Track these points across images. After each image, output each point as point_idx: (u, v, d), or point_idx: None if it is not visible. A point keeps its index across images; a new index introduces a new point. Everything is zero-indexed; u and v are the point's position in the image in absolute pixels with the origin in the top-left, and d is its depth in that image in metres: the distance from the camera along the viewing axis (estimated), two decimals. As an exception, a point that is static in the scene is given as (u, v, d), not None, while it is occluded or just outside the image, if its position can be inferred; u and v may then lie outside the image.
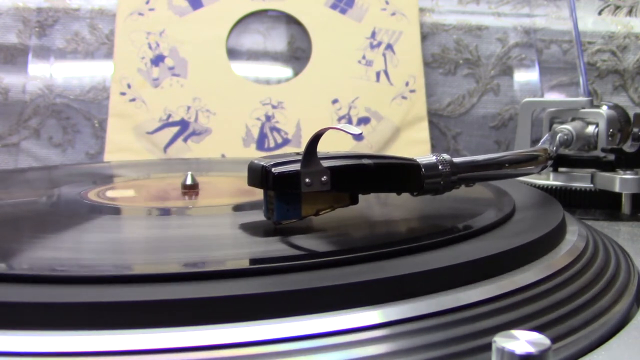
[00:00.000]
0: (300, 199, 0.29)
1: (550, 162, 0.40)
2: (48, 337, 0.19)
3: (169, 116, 0.72)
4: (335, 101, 0.73)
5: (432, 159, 0.32)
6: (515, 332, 0.19)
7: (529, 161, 0.37)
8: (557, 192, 0.51)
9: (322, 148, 0.31)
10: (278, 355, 0.20)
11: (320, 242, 0.29)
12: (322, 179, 0.28)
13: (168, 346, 0.19)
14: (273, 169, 0.28)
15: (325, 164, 0.28)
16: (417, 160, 0.31)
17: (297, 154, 0.29)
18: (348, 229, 0.31)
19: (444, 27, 0.78)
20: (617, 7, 0.79)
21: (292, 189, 0.28)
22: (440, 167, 0.31)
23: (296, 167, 0.28)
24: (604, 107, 0.54)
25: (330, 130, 0.27)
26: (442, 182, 0.32)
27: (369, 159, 0.30)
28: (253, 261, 0.26)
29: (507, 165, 0.35)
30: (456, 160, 0.32)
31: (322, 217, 0.31)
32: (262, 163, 0.29)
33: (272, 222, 0.30)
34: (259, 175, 0.29)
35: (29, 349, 0.19)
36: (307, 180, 0.28)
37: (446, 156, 0.32)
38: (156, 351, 0.19)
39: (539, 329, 0.22)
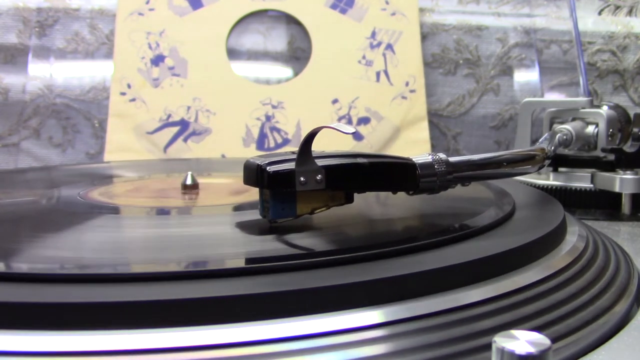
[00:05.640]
0: (295, 198, 0.29)
1: (547, 162, 0.40)
2: (47, 337, 0.19)
3: (169, 116, 0.72)
4: (335, 101, 0.73)
5: (427, 158, 0.32)
6: (515, 332, 0.19)
7: (525, 160, 0.37)
8: (557, 192, 0.51)
9: (323, 148, 0.31)
10: (277, 356, 0.20)
11: (320, 242, 0.29)
12: (317, 178, 0.28)
13: (167, 346, 0.19)
14: (268, 168, 0.28)
15: (320, 162, 0.29)
16: (413, 159, 0.31)
17: (293, 152, 0.29)
18: (347, 228, 0.31)
19: (444, 27, 0.78)
20: (617, 7, 0.79)
21: (287, 188, 0.28)
22: (436, 166, 0.31)
23: (291, 166, 0.28)
24: (604, 107, 0.54)
25: (330, 130, 0.28)
26: (437, 181, 0.32)
27: (364, 158, 0.30)
28: (252, 261, 0.26)
29: (503, 164, 0.35)
30: (452, 159, 0.32)
31: (322, 216, 0.31)
32: (257, 162, 0.29)
33: (268, 220, 0.30)
34: (254, 174, 0.29)
35: (29, 349, 0.19)
36: (301, 179, 0.28)
37: (442, 155, 0.32)
38: (155, 351, 0.19)
39: (539, 329, 0.22)
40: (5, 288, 0.22)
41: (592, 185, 0.51)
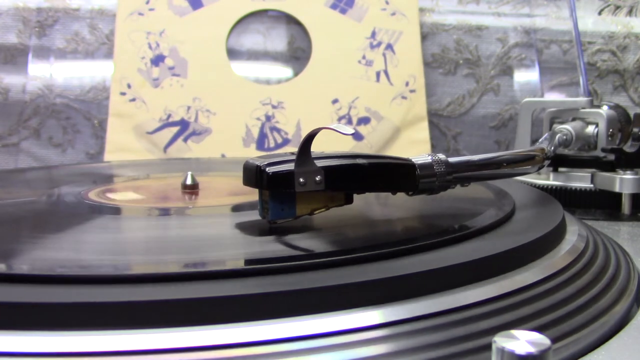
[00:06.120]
0: (294, 199, 0.29)
1: (547, 162, 0.40)
2: (48, 337, 0.19)
3: (169, 116, 0.72)
4: (335, 101, 0.73)
5: (427, 159, 0.32)
6: (516, 332, 0.19)
7: (525, 161, 0.37)
8: (557, 192, 0.51)
9: (323, 148, 0.31)
10: (277, 356, 0.20)
11: (319, 243, 0.29)
12: (316, 179, 0.28)
13: (167, 346, 0.19)
14: (267, 169, 0.28)
15: (320, 163, 0.29)
16: (412, 160, 0.31)
17: (292, 153, 0.29)
18: (347, 229, 0.31)
19: (444, 27, 0.78)
20: (617, 7, 0.79)
21: (287, 189, 0.28)
22: (435, 167, 0.31)
23: (290, 166, 0.28)
24: (605, 107, 0.54)
25: (329, 130, 0.28)
26: (437, 182, 0.32)
27: (363, 159, 0.30)
28: (252, 261, 0.26)
29: (503, 165, 0.35)
30: (451, 160, 0.32)
31: (321, 217, 0.31)
32: (256, 163, 0.29)
33: (267, 221, 0.30)
34: (253, 175, 0.29)
35: (29, 349, 0.19)
36: (301, 179, 0.28)
37: (441, 156, 0.32)
38: (155, 351, 0.19)
39: (539, 329, 0.22)
40: (5, 288, 0.22)
41: (592, 185, 0.51)
